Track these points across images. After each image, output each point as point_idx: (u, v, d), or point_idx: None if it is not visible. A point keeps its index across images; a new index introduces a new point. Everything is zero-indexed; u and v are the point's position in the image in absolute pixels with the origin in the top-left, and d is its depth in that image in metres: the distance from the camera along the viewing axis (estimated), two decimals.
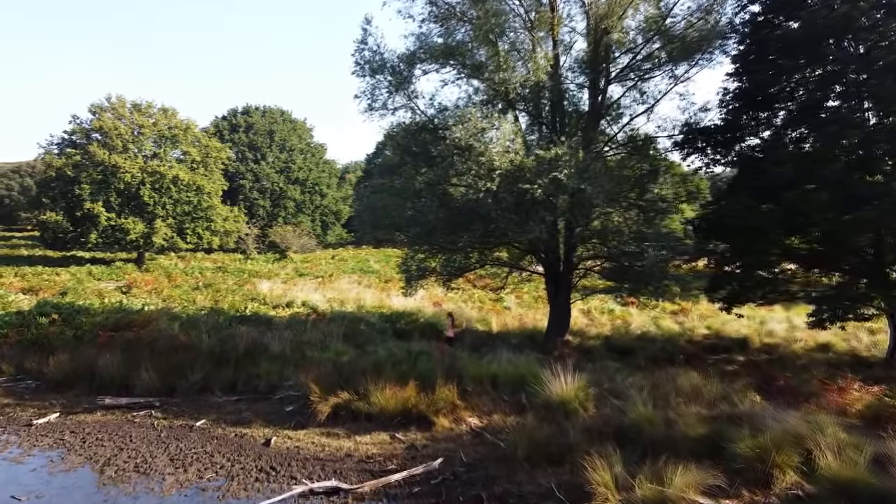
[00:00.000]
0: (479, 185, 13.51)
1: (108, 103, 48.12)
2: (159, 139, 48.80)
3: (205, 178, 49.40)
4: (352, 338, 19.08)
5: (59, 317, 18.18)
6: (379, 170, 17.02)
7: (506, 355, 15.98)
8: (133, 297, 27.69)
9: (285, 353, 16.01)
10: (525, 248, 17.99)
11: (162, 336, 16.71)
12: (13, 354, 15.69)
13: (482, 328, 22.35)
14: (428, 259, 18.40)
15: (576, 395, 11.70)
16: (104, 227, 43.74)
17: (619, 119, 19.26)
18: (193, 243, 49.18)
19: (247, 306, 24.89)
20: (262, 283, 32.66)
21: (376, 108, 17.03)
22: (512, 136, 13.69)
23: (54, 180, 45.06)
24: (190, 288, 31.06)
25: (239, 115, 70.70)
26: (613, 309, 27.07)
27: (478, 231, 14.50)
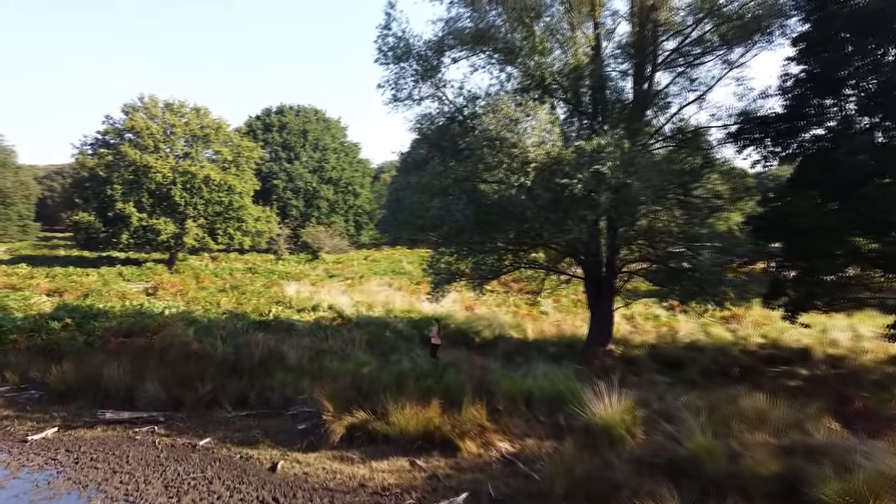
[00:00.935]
0: (511, 181, 12.21)
1: (140, 103, 48.11)
2: (191, 139, 48.60)
3: (236, 177, 49.03)
4: (376, 346, 17.98)
5: (72, 321, 17.47)
6: (405, 166, 15.78)
7: (542, 368, 14.66)
8: (157, 300, 27.15)
9: (302, 363, 14.98)
10: (563, 250, 16.60)
11: (175, 343, 15.83)
12: (20, 362, 14.99)
13: (517, 335, 21.00)
14: (457, 261, 17.14)
15: (622, 418, 10.32)
16: (136, 228, 43.66)
17: (667, 109, 17.74)
18: (225, 244, 48.85)
19: (271, 310, 24.03)
20: (290, 285, 31.85)
21: (401, 99, 15.88)
22: (548, 125, 12.35)
23: (87, 181, 45.22)
24: (216, 290, 30.44)
25: (273, 115, 70.42)
26: (659, 315, 25.39)
27: (510, 231, 13.21)
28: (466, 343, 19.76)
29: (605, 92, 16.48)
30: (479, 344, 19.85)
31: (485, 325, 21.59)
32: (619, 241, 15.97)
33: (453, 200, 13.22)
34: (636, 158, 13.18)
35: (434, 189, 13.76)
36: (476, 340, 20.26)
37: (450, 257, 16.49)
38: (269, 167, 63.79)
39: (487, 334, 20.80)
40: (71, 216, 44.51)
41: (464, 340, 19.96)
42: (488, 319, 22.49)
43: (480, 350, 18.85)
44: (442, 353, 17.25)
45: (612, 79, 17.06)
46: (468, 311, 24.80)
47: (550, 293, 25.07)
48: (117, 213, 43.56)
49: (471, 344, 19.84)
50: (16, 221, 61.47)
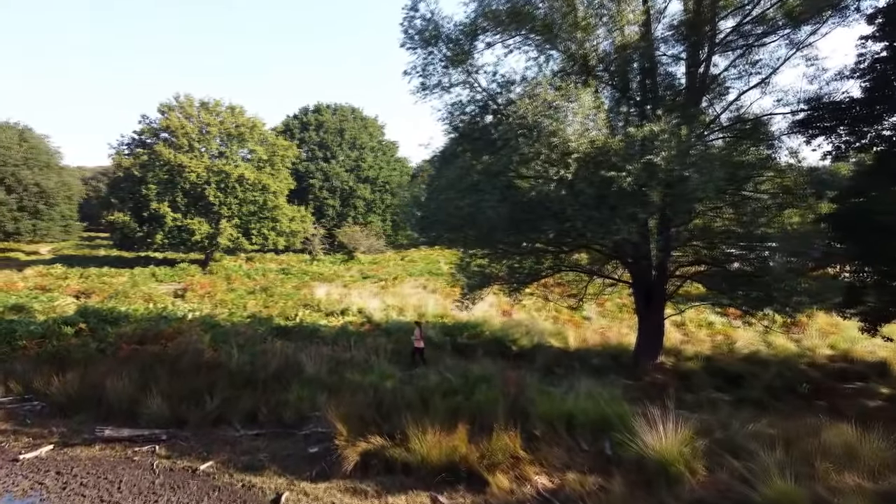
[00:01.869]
0: (550, 174, 10.78)
1: (176, 102, 48.04)
2: (226, 138, 48.32)
3: (271, 177, 48.57)
4: (403, 355, 16.73)
5: (86, 326, 16.71)
6: (433, 160, 14.45)
7: (585, 383, 13.18)
8: (184, 302, 26.52)
9: (321, 374, 13.81)
10: (609, 252, 15.05)
11: (189, 351, 14.86)
12: (26, 370, 14.22)
13: (557, 344, 19.50)
14: (491, 264, 15.75)
15: (680, 450, 8.83)
16: (170, 228, 43.55)
17: (724, 95, 16.01)
18: (259, 244, 48.47)
19: (297, 313, 23.06)
20: (320, 287, 30.93)
21: (430, 87, 14.55)
22: (592, 111, 10.86)
23: (123, 181, 45.37)
24: (245, 292, 29.72)
25: (309, 114, 70.04)
26: (713, 321, 23.50)
27: (549, 231, 11.79)
28: (502, 352, 18.35)
29: (656, 77, 14.91)
30: (515, 353, 18.43)
31: (522, 333, 20.15)
32: (672, 243, 14.33)
33: (484, 197, 11.84)
34: (694, 148, 11.60)
35: (463, 185, 12.41)
36: (513, 349, 18.85)
37: (482, 259, 15.11)
38: (305, 166, 63.37)
39: (525, 342, 19.36)
40: (107, 216, 44.64)
41: (499, 349, 18.55)
42: (526, 326, 21.04)
43: (517, 360, 17.43)
44: (477, 364, 15.94)
45: (663, 63, 15.48)
46: (505, 317, 23.38)
47: (594, 297, 23.41)
48: (152, 212, 43.53)
49: (507, 353, 18.43)
50: (59, 222, 62.40)
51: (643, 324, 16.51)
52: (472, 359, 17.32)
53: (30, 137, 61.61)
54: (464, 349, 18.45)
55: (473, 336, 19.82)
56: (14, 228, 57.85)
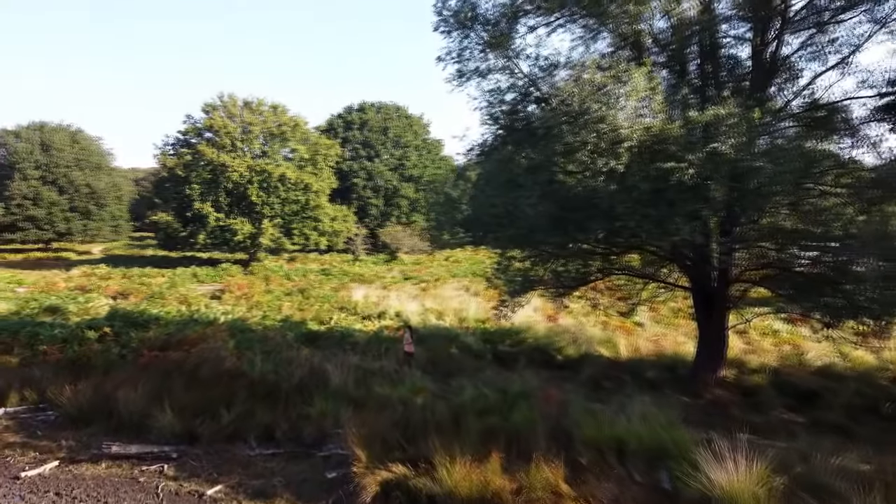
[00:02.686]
0: (598, 166, 9.50)
1: (220, 101, 48.23)
2: (268, 137, 48.22)
3: (313, 176, 48.26)
4: (439, 365, 15.65)
5: (110, 330, 16.18)
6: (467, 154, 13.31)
7: (638, 402, 11.80)
8: (220, 304, 26.07)
9: (347, 386, 12.82)
10: (665, 255, 13.62)
11: (210, 358, 14.09)
12: (44, 377, 13.67)
13: (607, 353, 18.08)
14: (533, 266, 14.50)
15: (753, 491, 7.46)
16: (213, 228, 43.61)
17: (797, 79, 14.33)
18: (300, 244, 48.24)
19: (332, 317, 22.25)
20: (359, 289, 30.14)
21: (467, 73, 13.41)
22: (647, 93, 9.53)
23: (167, 181, 45.70)
24: (282, 293, 29.14)
25: (354, 112, 69.79)
26: (778, 329, 21.64)
27: (596, 231, 10.52)
28: (546, 362, 17.09)
29: (718, 60, 13.42)
30: (560, 363, 17.15)
31: (569, 340, 18.80)
32: (737, 244, 12.81)
33: (525, 193, 10.65)
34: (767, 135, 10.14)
35: (500, 180, 11.24)
36: (557, 359, 17.56)
37: (520, 264, 13.87)
38: (348, 165, 63.07)
39: (571, 351, 18.02)
40: (150, 216, 45.04)
41: (543, 359, 17.28)
42: (573, 333, 19.66)
43: (561, 371, 16.16)
44: (518, 375, 14.75)
45: (725, 44, 13.96)
46: (550, 322, 22.02)
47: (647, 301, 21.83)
48: (195, 212, 43.67)
49: (551, 363, 17.16)
50: (108, 222, 63.73)
51: (703, 333, 15.00)
52: (513, 369, 16.14)
53: (81, 139, 63.09)
54: (505, 358, 17.25)
55: (516, 343, 18.60)
56: (66, 228, 59.25)
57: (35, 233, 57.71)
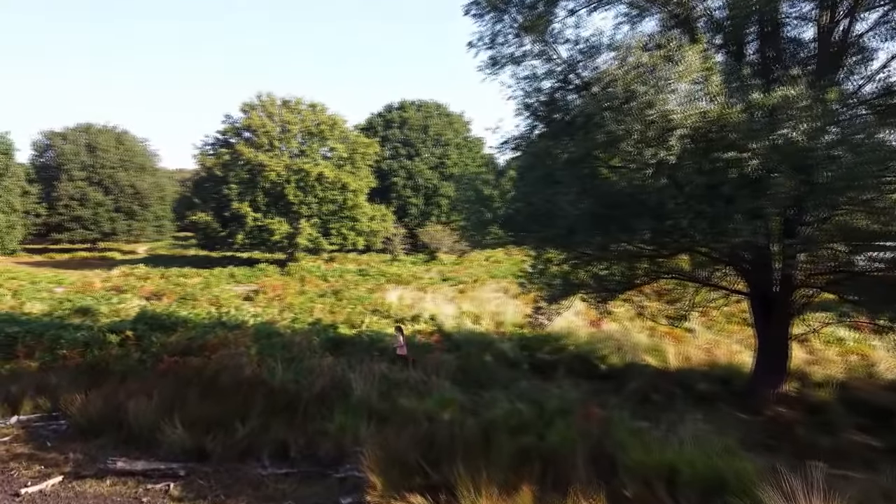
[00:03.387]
0: (645, 157, 8.40)
1: (258, 101, 48.22)
2: (306, 136, 48.03)
3: (351, 175, 47.85)
4: (470, 374, 14.68)
5: (133, 334, 15.73)
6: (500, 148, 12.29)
7: (690, 420, 10.68)
8: (253, 306, 25.65)
9: (370, 398, 11.96)
10: (720, 257, 12.38)
11: (230, 366, 13.46)
12: (60, 383, 13.21)
13: (654, 362, 16.84)
14: (575, 270, 13.41)
15: None
16: (251, 228, 43.57)
17: (869, 62, 12.89)
18: (338, 244, 47.88)
19: (363, 320, 21.51)
20: (394, 290, 29.40)
21: (500, 60, 12.41)
22: (702, 74, 8.41)
23: (206, 181, 45.91)
24: (316, 295, 28.59)
25: (394, 111, 69.31)
26: (843, 337, 19.95)
27: (643, 231, 9.41)
28: (588, 372, 15.95)
29: (779, 42, 12.12)
30: (603, 373, 16.01)
31: (612, 348, 17.62)
32: (802, 245, 11.48)
33: (563, 189, 9.63)
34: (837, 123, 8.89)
35: (535, 176, 10.24)
36: (600, 368, 16.42)
37: (557, 268, 12.79)
38: (388, 164, 62.59)
39: (615, 360, 16.85)
40: (189, 216, 45.33)
41: (584, 368, 16.14)
42: (617, 339, 18.45)
43: (604, 383, 15.03)
44: (556, 387, 13.72)
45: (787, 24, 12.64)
46: (593, 328, 20.78)
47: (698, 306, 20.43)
48: (233, 212, 43.70)
49: (593, 372, 16.02)
50: (152, 222, 64.77)
51: (761, 343, 13.68)
52: (551, 379, 15.07)
53: (126, 140, 64.24)
54: (543, 367, 16.18)
55: (555, 351, 17.51)
56: (111, 228, 60.38)
57: (81, 233, 58.94)
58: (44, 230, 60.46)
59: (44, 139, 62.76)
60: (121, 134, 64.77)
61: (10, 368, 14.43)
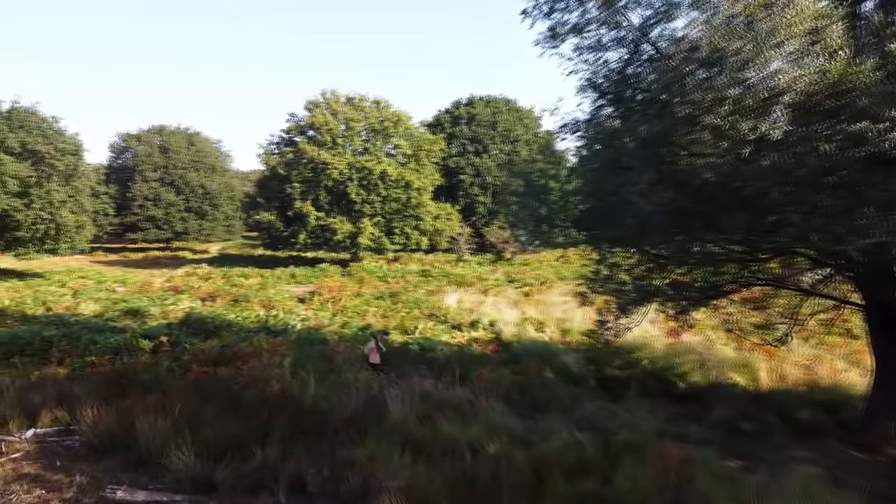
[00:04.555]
0: (740, 133, 6.53)
1: (322, 99, 47.80)
2: (370, 133, 47.24)
3: (415, 172, 46.74)
4: (526, 393, 12.99)
5: (167, 340, 14.88)
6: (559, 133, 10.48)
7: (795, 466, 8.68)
8: (306, 308, 24.76)
9: (408, 422, 10.47)
10: (828, 260, 10.20)
11: (259, 379, 12.32)
12: (82, 393, 12.37)
13: (743, 381, 14.68)
14: (650, 275, 11.48)
15: None
16: (313, 227, 43.11)
17: None
18: (401, 244, 46.80)
19: (416, 326, 20.12)
20: (454, 293, 27.94)
21: (561, 31, 10.67)
22: (817, 21, 6.45)
23: (270, 180, 45.80)
24: (372, 297, 27.45)
25: (462, 107, 67.81)
26: None
27: (736, 230, 7.50)
28: (665, 392, 13.98)
29: None
30: (682, 393, 14.00)
31: (693, 363, 15.54)
32: None
33: (632, 178, 7.86)
34: None
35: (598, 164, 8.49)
36: (679, 387, 14.41)
37: (627, 273, 10.88)
38: (455, 162, 61.20)
39: (697, 378, 14.78)
40: (253, 216, 45.32)
41: (660, 387, 14.17)
42: (699, 353, 16.32)
43: (684, 406, 13.03)
44: (626, 411, 11.90)
45: None
46: (670, 338, 18.61)
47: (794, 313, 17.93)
48: (296, 211, 43.36)
49: (670, 393, 14.03)
50: (222, 222, 65.79)
51: (881, 364, 11.37)
52: (621, 400, 13.20)
53: (197, 141, 65.57)
54: (612, 385, 14.31)
55: (626, 366, 15.59)
56: (182, 228, 61.69)
57: (154, 232, 60.45)
58: (120, 230, 62.44)
59: (120, 141, 64.89)
60: (192, 135, 66.18)
61: (39, 375, 13.83)
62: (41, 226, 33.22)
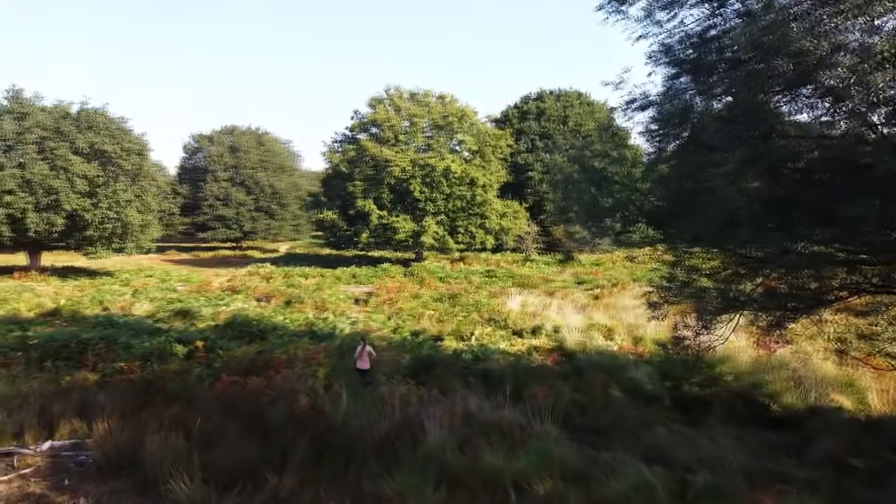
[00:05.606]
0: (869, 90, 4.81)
1: (386, 95, 47.09)
2: (433, 129, 46.15)
3: (480, 169, 45.30)
4: (589, 412, 11.39)
5: (202, 345, 14.10)
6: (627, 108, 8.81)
7: None
8: (360, 310, 23.80)
9: (445, 449, 9.09)
10: None
11: (288, 392, 11.26)
12: (106, 403, 11.63)
13: (848, 404, 12.56)
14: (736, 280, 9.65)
15: None
16: (375, 226, 42.37)
17: None
18: (465, 243, 45.39)
19: (473, 332, 18.70)
20: (517, 295, 26.38)
21: None
22: None
23: (332, 178, 45.42)
24: (431, 299, 26.23)
25: (531, 102, 65.89)
26: None
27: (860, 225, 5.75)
28: (754, 416, 12.03)
29: None
30: (775, 418, 12.03)
31: (787, 381, 13.49)
32: None
33: (715, 159, 6.23)
34: None
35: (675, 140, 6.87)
36: (771, 410, 12.45)
37: (709, 278, 9.07)
38: (524, 158, 59.40)
39: (792, 399, 12.75)
40: (316, 214, 45.05)
41: (748, 410, 12.22)
42: (793, 369, 14.23)
43: (778, 434, 11.10)
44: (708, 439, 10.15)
45: None
46: (759, 349, 16.42)
47: None
48: (358, 210, 42.76)
49: (761, 417, 12.08)
50: (290, 221, 66.36)
51: None
52: (701, 425, 11.38)
53: (266, 141, 66.38)
54: (690, 405, 12.49)
55: (707, 382, 13.69)
56: (251, 228, 62.49)
57: (224, 232, 61.43)
58: (192, 229, 63.91)
59: (193, 142, 66.45)
60: (261, 135, 67.07)
61: (69, 381, 13.28)
62: (108, 225, 33.76)
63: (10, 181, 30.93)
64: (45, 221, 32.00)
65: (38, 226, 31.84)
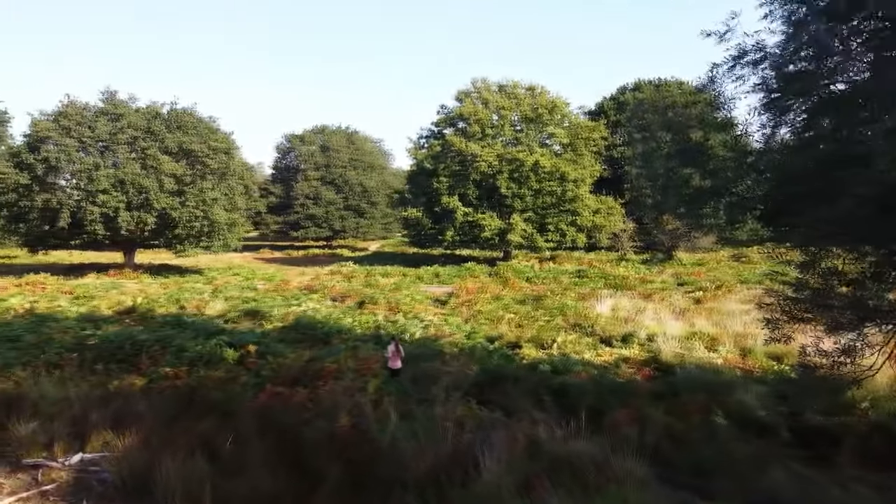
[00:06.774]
0: None
1: (473, 88, 45.66)
2: (522, 121, 44.26)
3: (571, 163, 42.97)
4: (685, 446, 9.43)
5: (254, 350, 13.18)
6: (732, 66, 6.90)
7: None
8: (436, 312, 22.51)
9: (501, 489, 7.50)
10: None
11: (334, 408, 10.04)
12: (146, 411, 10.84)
13: None
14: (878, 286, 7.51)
15: None
16: (460, 224, 41.03)
17: None
18: (555, 241, 43.18)
19: (555, 339, 16.92)
20: (609, 298, 24.23)
21: None
22: None
23: (417, 175, 44.53)
24: (513, 301, 24.57)
25: (627, 92, 62.65)
26: None
27: None
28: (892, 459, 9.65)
29: None
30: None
31: None
32: None
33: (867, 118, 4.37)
34: None
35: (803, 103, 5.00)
36: None
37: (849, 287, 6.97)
38: (620, 152, 56.42)
39: None
40: (401, 212, 44.27)
41: (889, 447, 9.84)
42: None
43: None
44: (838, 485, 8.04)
45: None
46: None
47: None
48: (443, 207, 41.58)
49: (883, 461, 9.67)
50: (379, 219, 66.36)
51: None
52: (830, 465, 9.20)
53: (356, 140, 66.70)
54: (814, 439, 10.23)
55: (836, 410, 11.29)
56: (341, 226, 62.87)
57: (314, 230, 62.14)
58: (285, 228, 65.06)
59: (285, 142, 67.72)
60: (351, 134, 67.47)
61: (117, 385, 12.69)
62: (195, 223, 34.24)
63: (105, 181, 31.88)
64: (136, 220, 32.80)
65: (130, 224, 32.67)
